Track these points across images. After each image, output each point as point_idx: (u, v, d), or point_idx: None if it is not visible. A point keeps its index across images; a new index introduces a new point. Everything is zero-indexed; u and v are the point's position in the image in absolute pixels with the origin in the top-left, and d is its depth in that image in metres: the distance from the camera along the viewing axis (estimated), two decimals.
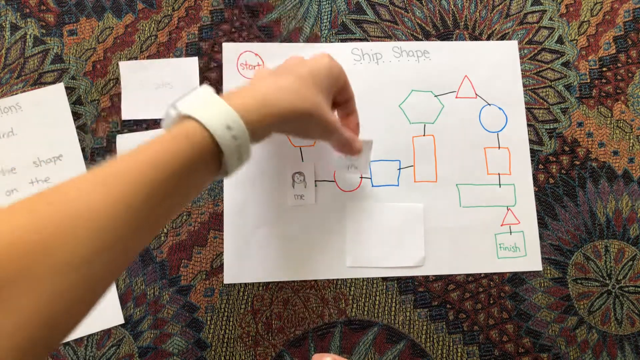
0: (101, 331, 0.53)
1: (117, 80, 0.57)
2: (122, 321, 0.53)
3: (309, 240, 0.55)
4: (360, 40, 0.60)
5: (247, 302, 0.54)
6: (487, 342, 0.54)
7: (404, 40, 0.60)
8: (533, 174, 0.57)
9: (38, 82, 0.56)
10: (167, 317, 0.53)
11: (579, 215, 0.57)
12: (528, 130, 0.58)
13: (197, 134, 0.34)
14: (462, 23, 0.60)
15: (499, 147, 0.58)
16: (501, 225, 0.56)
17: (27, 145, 0.55)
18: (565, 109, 0.59)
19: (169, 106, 0.36)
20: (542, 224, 0.57)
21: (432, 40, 0.60)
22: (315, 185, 0.56)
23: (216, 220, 0.55)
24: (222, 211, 0.55)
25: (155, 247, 0.54)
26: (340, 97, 0.48)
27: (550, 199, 0.57)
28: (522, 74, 0.59)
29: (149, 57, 0.58)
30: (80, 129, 0.56)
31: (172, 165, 0.32)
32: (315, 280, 0.55)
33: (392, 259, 0.55)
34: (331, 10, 0.60)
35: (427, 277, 0.55)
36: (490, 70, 0.59)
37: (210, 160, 0.35)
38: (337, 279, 0.55)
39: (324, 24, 0.60)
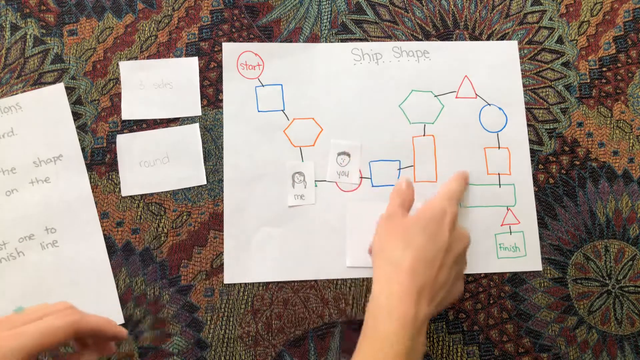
0: None
1: (117, 80, 0.57)
2: (122, 321, 0.53)
3: (309, 240, 0.55)
4: (360, 40, 0.60)
5: (247, 302, 0.54)
6: (487, 342, 0.54)
7: (404, 40, 0.60)
8: (533, 174, 0.57)
9: (38, 82, 0.56)
10: (167, 317, 0.53)
11: (578, 215, 0.57)
12: (528, 130, 0.58)
13: None
14: (462, 23, 0.60)
15: (499, 147, 0.58)
16: (501, 225, 0.56)
17: (27, 145, 0.55)
18: (565, 109, 0.59)
19: None
20: (542, 224, 0.57)
21: (432, 40, 0.60)
22: (315, 185, 0.56)
23: (216, 220, 0.55)
24: (222, 211, 0.55)
25: (155, 247, 0.54)
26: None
27: (550, 199, 0.57)
28: (522, 74, 0.59)
29: (149, 57, 0.58)
30: (80, 129, 0.56)
31: None
32: (315, 280, 0.55)
33: None
34: (331, 10, 0.60)
35: None
36: (490, 70, 0.59)
37: None
38: (337, 279, 0.55)
39: (324, 24, 0.60)
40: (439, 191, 0.49)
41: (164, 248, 0.55)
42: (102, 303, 0.53)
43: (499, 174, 0.57)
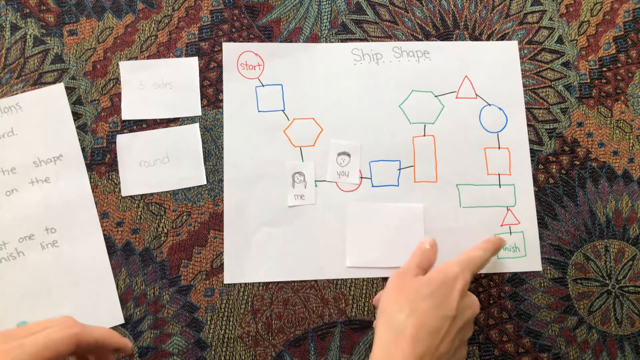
0: None
1: (117, 80, 0.57)
2: (122, 321, 0.53)
3: (309, 240, 0.55)
4: (360, 40, 0.60)
5: (247, 302, 0.54)
6: (487, 342, 0.54)
7: (404, 40, 0.60)
8: (533, 174, 0.57)
9: (38, 82, 0.56)
10: (167, 317, 0.53)
11: (578, 215, 0.57)
12: (528, 130, 0.58)
13: None
14: (462, 23, 0.60)
15: (499, 147, 0.58)
16: (501, 226, 0.56)
17: (27, 145, 0.55)
18: (565, 109, 0.59)
19: None
20: (542, 224, 0.57)
21: (432, 40, 0.60)
22: (316, 185, 0.56)
23: (216, 220, 0.55)
24: (222, 211, 0.55)
25: (156, 247, 0.54)
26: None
27: (550, 199, 0.57)
28: (522, 74, 0.59)
29: (149, 57, 0.58)
30: (80, 129, 0.56)
31: None
32: (315, 280, 0.55)
33: (392, 259, 0.55)
34: (331, 10, 0.60)
35: None
36: (490, 70, 0.59)
37: None
38: (337, 279, 0.55)
39: (324, 24, 0.60)
40: (459, 256, 0.49)
41: (163, 248, 0.55)
42: (102, 303, 0.53)
43: (499, 174, 0.57)
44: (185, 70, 0.58)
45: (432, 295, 0.43)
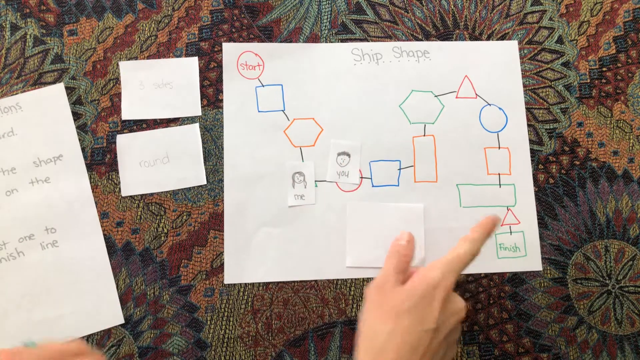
0: (101, 331, 0.53)
1: (117, 80, 0.57)
2: (122, 321, 0.53)
3: (309, 240, 0.55)
4: (360, 40, 0.60)
5: (247, 302, 0.54)
6: (487, 342, 0.54)
7: (404, 40, 0.60)
8: (533, 174, 0.57)
9: (38, 82, 0.56)
10: (167, 317, 0.53)
11: (579, 215, 0.57)
12: (528, 130, 0.58)
13: None
14: (462, 23, 0.60)
15: (499, 147, 0.58)
16: (501, 226, 0.56)
17: (27, 145, 0.55)
18: (565, 109, 0.59)
19: None
20: (542, 224, 0.57)
21: (432, 40, 0.60)
22: (316, 186, 0.56)
23: (216, 220, 0.55)
24: (222, 211, 0.55)
25: (156, 247, 0.54)
26: None
27: (550, 199, 0.57)
28: (522, 74, 0.59)
29: (149, 57, 0.58)
30: (80, 129, 0.56)
31: None
32: (315, 280, 0.55)
33: None
34: (331, 10, 0.60)
35: None
36: (490, 70, 0.59)
37: None
38: (337, 279, 0.55)
39: (324, 24, 0.60)
40: (445, 255, 0.45)
41: (163, 248, 0.55)
42: (102, 303, 0.53)
43: (499, 174, 0.57)
44: (185, 70, 0.58)
45: (413, 311, 0.42)
